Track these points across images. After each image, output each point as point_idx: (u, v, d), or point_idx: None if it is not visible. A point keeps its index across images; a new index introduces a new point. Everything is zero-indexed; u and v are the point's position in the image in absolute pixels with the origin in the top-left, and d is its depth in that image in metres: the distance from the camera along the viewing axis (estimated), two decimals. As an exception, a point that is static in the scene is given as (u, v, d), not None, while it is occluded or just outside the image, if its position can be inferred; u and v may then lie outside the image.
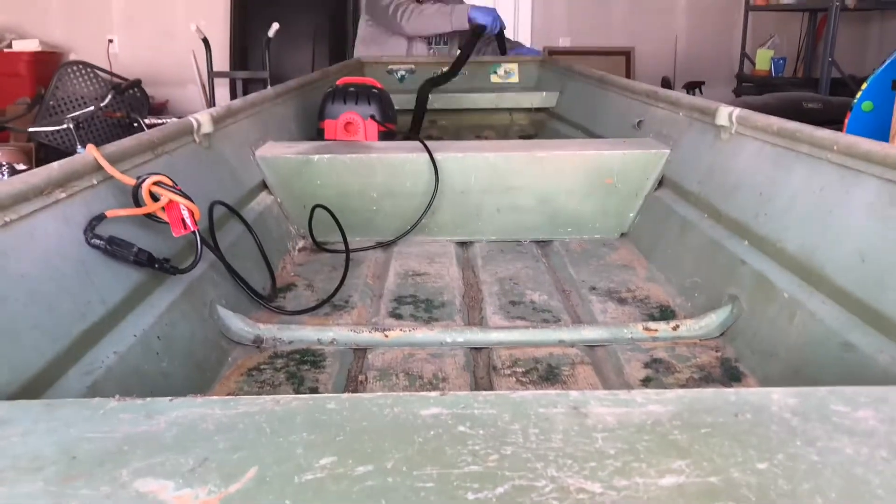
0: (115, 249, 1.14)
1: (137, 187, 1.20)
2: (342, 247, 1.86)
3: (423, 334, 1.44)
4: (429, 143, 2.07)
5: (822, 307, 1.19)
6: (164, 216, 1.23)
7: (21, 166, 4.08)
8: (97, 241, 1.12)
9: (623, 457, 0.56)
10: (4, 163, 4.06)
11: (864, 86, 3.77)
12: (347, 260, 1.78)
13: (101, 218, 1.15)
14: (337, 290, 1.66)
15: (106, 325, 1.09)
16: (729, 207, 1.61)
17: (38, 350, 0.93)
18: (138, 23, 6.70)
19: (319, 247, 1.97)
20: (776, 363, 1.24)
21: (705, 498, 0.52)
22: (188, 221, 1.23)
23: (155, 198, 1.22)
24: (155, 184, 1.21)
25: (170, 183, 1.22)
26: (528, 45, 6.91)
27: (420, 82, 3.26)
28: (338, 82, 2.49)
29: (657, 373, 1.31)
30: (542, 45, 6.88)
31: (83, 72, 4.90)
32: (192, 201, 1.24)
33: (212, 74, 5.13)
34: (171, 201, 1.22)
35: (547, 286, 1.74)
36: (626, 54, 7.12)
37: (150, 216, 1.23)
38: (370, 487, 0.53)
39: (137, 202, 1.21)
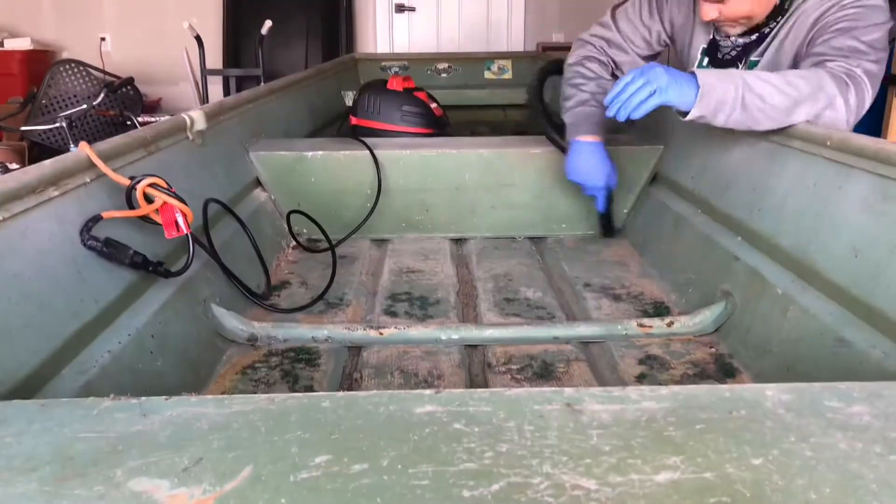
0: (110, 252, 1.14)
1: (131, 189, 1.20)
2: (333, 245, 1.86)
3: (417, 332, 1.44)
4: (426, 140, 2.06)
5: (815, 303, 1.19)
6: (157, 218, 1.23)
7: (14, 165, 4.06)
8: (93, 243, 1.12)
9: (618, 453, 0.56)
10: (-3, 162, 4.04)
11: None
12: (334, 257, 1.77)
13: (97, 219, 1.14)
14: (327, 288, 1.66)
15: (99, 323, 1.09)
16: (723, 203, 1.61)
17: (31, 349, 0.93)
18: (131, 21, 6.67)
19: (304, 248, 1.95)
20: (770, 359, 1.24)
21: (700, 493, 0.52)
22: (181, 224, 1.23)
23: (149, 199, 1.21)
24: (149, 185, 1.20)
25: (164, 185, 1.22)
26: (521, 40, 6.92)
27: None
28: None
29: (652, 369, 1.31)
30: (536, 41, 6.88)
31: (75, 70, 4.87)
32: (185, 203, 1.23)
33: (205, 72, 5.11)
34: (164, 203, 1.21)
35: (541, 283, 1.74)
36: (620, 50, 7.13)
37: (143, 218, 1.23)
38: (365, 486, 0.53)
39: (131, 203, 1.21)
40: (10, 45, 6.19)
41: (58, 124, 4.07)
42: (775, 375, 1.20)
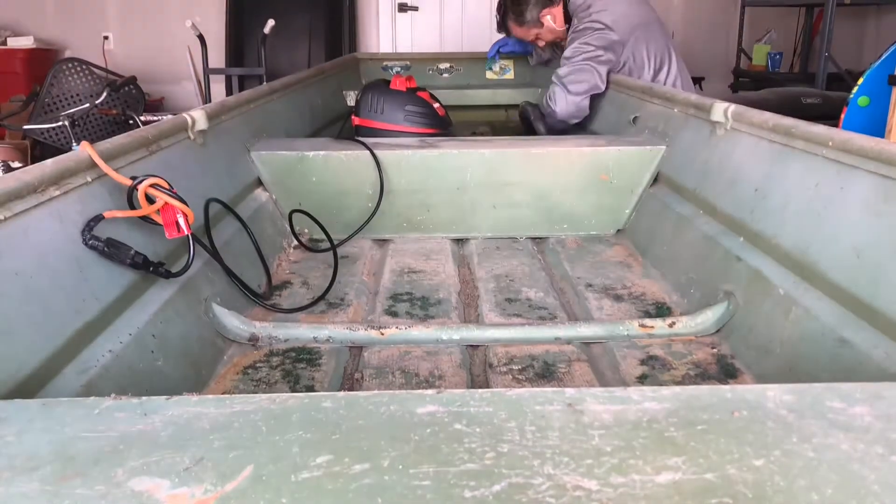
0: (111, 252, 1.14)
1: (133, 189, 1.20)
2: (335, 245, 1.86)
3: (418, 332, 1.44)
4: (427, 140, 2.06)
5: (817, 303, 1.19)
6: (158, 219, 1.23)
7: (16, 164, 4.07)
8: (95, 243, 1.12)
9: (619, 454, 0.56)
10: (0, 160, 4.05)
11: (861, 81, 3.77)
12: (336, 257, 1.77)
13: (98, 219, 1.14)
14: (329, 288, 1.66)
15: (101, 323, 1.09)
16: (724, 203, 1.61)
17: (32, 348, 0.93)
18: (134, 19, 6.69)
19: (306, 248, 1.96)
20: (772, 359, 1.24)
21: (702, 495, 0.52)
22: (182, 225, 1.23)
23: (150, 200, 1.21)
24: (151, 186, 1.20)
25: (166, 185, 1.22)
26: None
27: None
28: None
29: (653, 370, 1.31)
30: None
31: (78, 69, 4.88)
32: (186, 204, 1.23)
33: (207, 71, 5.11)
34: (165, 204, 1.22)
35: (543, 283, 1.74)
36: (622, 50, 7.12)
37: (144, 218, 1.23)
38: (366, 486, 0.53)
39: (132, 203, 1.21)
40: (14, 43, 6.21)
41: (60, 123, 4.08)
42: (777, 376, 1.20)
